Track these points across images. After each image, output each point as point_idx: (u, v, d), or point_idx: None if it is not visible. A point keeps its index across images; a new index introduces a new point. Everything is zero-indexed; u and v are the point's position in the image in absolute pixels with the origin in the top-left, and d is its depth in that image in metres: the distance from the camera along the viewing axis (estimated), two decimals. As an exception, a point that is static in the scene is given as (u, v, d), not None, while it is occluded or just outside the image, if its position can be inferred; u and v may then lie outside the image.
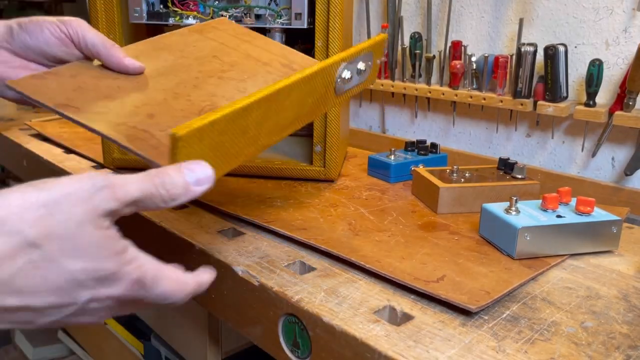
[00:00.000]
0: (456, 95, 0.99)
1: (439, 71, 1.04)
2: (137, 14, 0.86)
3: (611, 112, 0.83)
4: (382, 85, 1.10)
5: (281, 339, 0.55)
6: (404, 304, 0.52)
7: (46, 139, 1.06)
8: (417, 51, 1.03)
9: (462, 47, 0.99)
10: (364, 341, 0.46)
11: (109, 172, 0.39)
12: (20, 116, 1.29)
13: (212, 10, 0.86)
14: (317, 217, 0.72)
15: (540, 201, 0.65)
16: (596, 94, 0.84)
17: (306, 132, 0.89)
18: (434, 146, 0.94)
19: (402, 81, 1.07)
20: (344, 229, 0.68)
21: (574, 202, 0.66)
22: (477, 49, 1.00)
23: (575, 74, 0.89)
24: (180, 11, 0.86)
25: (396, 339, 0.46)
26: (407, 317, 0.50)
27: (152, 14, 0.87)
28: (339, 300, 0.53)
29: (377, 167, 0.90)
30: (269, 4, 0.86)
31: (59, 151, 0.99)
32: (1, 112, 1.30)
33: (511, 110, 0.95)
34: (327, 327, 0.49)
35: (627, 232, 0.71)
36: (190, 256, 0.65)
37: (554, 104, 0.86)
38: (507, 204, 0.65)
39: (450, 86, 1.00)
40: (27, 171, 1.04)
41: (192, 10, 0.85)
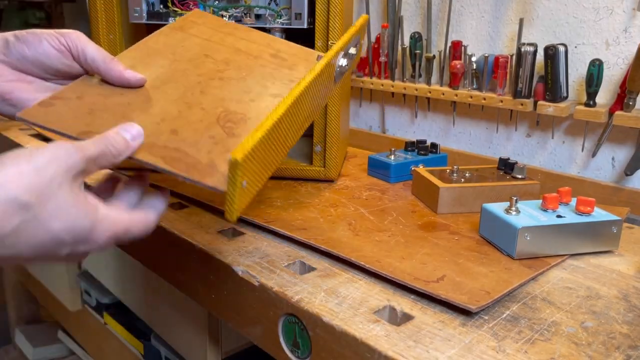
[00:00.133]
0: (456, 95, 0.99)
1: (439, 71, 1.04)
2: (137, 14, 0.86)
3: (611, 112, 0.83)
4: (382, 85, 1.10)
5: (281, 339, 0.55)
6: (404, 304, 0.52)
7: (46, 139, 1.06)
8: (417, 51, 1.03)
9: (462, 47, 0.99)
10: (364, 341, 0.46)
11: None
12: (20, 116, 1.29)
13: (212, 10, 0.86)
14: (317, 217, 0.72)
15: (540, 201, 0.65)
16: (596, 94, 0.84)
17: (306, 132, 0.89)
18: (434, 146, 0.94)
19: (402, 81, 1.07)
20: (344, 229, 0.68)
21: (574, 202, 0.66)
22: (477, 49, 1.00)
23: (575, 74, 0.89)
24: (180, 11, 0.86)
25: (396, 339, 0.46)
26: (407, 317, 0.50)
27: (152, 14, 0.87)
28: (339, 300, 0.53)
29: (377, 167, 0.90)
30: (269, 4, 0.86)
31: (59, 151, 0.99)
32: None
33: (511, 110, 0.95)
34: (327, 327, 0.49)
35: (627, 232, 0.71)
36: (190, 256, 0.65)
37: (554, 104, 0.86)
38: (507, 204, 0.65)
39: (450, 86, 1.00)
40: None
41: (192, 10, 0.85)
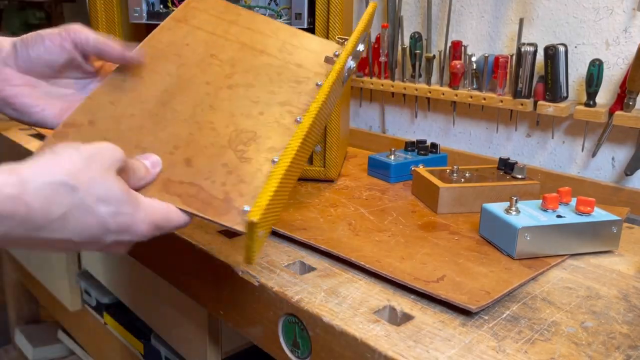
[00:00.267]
0: (456, 95, 0.99)
1: (439, 71, 1.04)
2: (137, 14, 0.86)
3: (611, 112, 0.83)
4: (382, 85, 1.10)
5: (281, 339, 0.55)
6: (404, 304, 0.52)
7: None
8: (417, 51, 1.03)
9: (462, 47, 0.99)
10: (364, 341, 0.46)
11: None
12: (20, 116, 1.29)
13: (212, 10, 0.86)
14: (317, 217, 0.72)
15: (540, 201, 0.65)
16: (596, 94, 0.84)
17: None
18: (434, 146, 0.94)
19: (402, 81, 1.07)
20: (344, 229, 0.68)
21: (574, 202, 0.66)
22: (477, 49, 1.00)
23: (575, 74, 0.89)
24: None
25: (396, 339, 0.46)
26: (407, 317, 0.50)
27: (152, 14, 0.87)
28: (339, 300, 0.53)
29: (377, 167, 0.90)
30: (269, 4, 0.86)
31: (59, 151, 0.99)
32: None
33: (511, 110, 0.95)
34: (327, 327, 0.49)
35: (627, 232, 0.71)
36: (190, 256, 0.65)
37: (554, 104, 0.86)
38: (507, 204, 0.65)
39: (450, 86, 1.00)
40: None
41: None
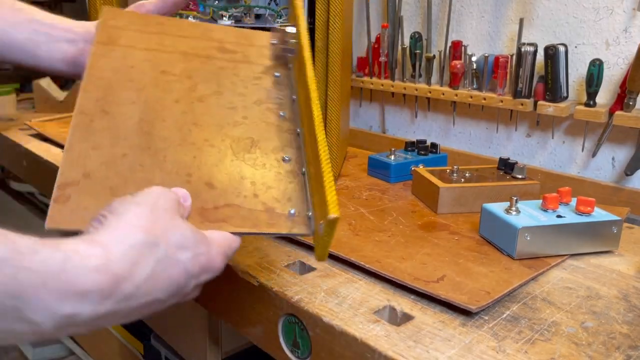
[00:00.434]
0: (456, 95, 0.99)
1: (439, 71, 1.04)
2: (137, 14, 0.86)
3: (611, 112, 0.83)
4: (382, 85, 1.10)
5: (281, 339, 0.55)
6: (404, 304, 0.52)
7: (46, 139, 1.06)
8: (417, 51, 1.03)
9: (462, 47, 0.99)
10: (364, 341, 0.46)
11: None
12: (20, 116, 1.29)
13: (212, 10, 0.86)
14: (317, 217, 0.72)
15: (540, 201, 0.65)
16: (596, 94, 0.84)
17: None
18: (434, 146, 0.94)
19: (402, 81, 1.07)
20: (344, 229, 0.68)
21: (574, 202, 0.66)
22: (477, 49, 1.00)
23: (575, 74, 0.89)
24: (179, 11, 0.86)
25: (396, 339, 0.46)
26: (407, 317, 0.50)
27: (152, 14, 0.87)
28: (339, 300, 0.53)
29: (377, 167, 0.90)
30: (269, 4, 0.86)
31: (59, 151, 0.99)
32: (1, 112, 1.30)
33: (511, 110, 0.95)
34: (327, 327, 0.49)
35: (627, 232, 0.71)
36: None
37: (554, 104, 0.86)
38: (507, 204, 0.65)
39: (450, 86, 1.00)
40: (27, 171, 1.03)
41: (192, 10, 0.85)
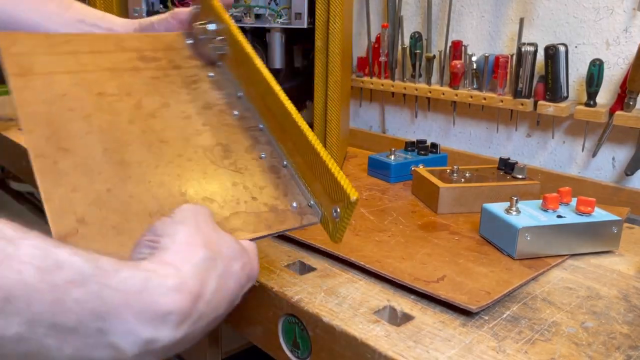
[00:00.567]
0: (456, 95, 0.99)
1: (439, 71, 1.04)
2: (137, 14, 0.86)
3: (612, 112, 0.83)
4: (382, 85, 1.10)
5: (281, 339, 0.55)
6: (404, 304, 0.52)
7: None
8: (417, 51, 1.03)
9: (463, 47, 0.99)
10: (364, 341, 0.46)
11: None
12: (20, 116, 1.29)
13: (212, 10, 0.86)
14: (317, 217, 0.72)
15: (540, 201, 0.65)
16: (596, 93, 0.83)
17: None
18: (434, 146, 0.94)
19: (402, 81, 1.07)
20: (344, 229, 0.68)
21: (574, 202, 0.66)
22: (477, 49, 1.00)
23: (575, 73, 0.89)
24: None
25: (396, 339, 0.46)
26: (407, 318, 0.50)
27: (151, 14, 0.87)
28: (339, 300, 0.53)
29: (377, 167, 0.90)
30: (269, 4, 0.86)
31: (59, 151, 0.99)
32: (1, 112, 1.30)
33: (511, 110, 0.95)
34: (327, 327, 0.49)
35: (627, 232, 0.71)
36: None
37: (555, 104, 0.86)
38: (507, 204, 0.65)
39: (450, 86, 1.00)
40: (27, 171, 1.03)
41: (192, 10, 0.85)
